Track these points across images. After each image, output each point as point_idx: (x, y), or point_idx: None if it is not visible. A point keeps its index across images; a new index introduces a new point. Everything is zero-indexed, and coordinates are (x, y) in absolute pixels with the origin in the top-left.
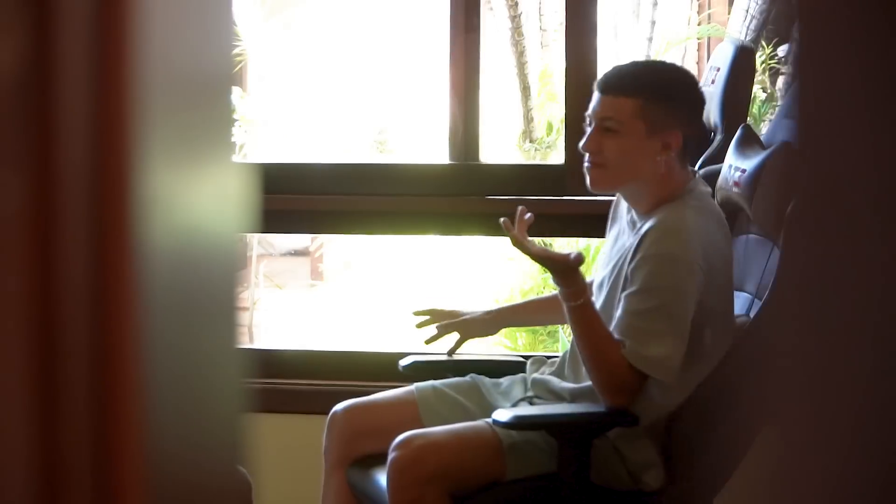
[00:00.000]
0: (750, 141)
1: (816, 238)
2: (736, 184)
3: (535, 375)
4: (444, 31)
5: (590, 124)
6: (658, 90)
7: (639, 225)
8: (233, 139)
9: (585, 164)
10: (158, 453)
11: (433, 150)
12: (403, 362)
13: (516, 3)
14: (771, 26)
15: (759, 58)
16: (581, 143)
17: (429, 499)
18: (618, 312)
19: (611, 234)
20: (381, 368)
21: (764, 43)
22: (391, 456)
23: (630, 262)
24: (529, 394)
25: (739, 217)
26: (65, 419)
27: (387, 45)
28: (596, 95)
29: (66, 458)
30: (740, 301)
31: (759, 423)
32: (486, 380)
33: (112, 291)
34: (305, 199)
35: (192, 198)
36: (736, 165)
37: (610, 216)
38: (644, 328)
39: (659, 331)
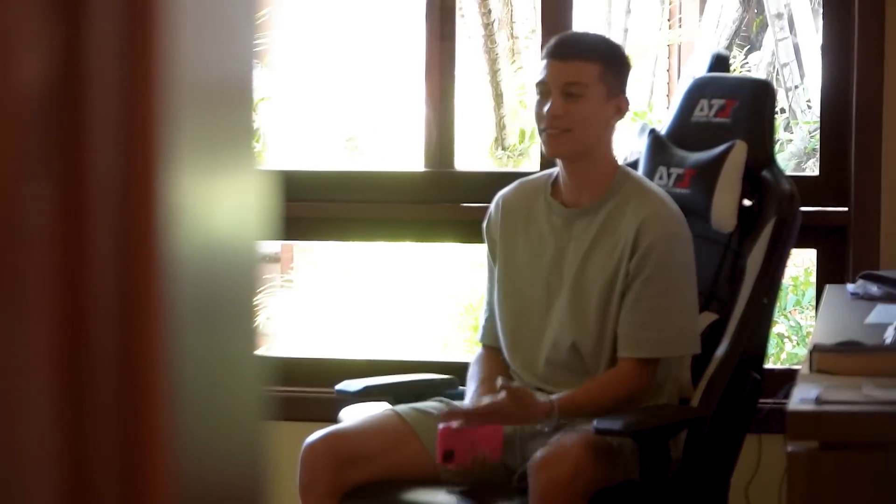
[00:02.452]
0: (665, 144)
1: None
2: (681, 184)
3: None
4: (418, 40)
5: (543, 92)
6: (614, 55)
7: (581, 222)
8: (255, 147)
9: (547, 131)
10: (184, 460)
11: (406, 157)
12: (352, 388)
13: (489, 11)
14: (742, 34)
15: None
16: (546, 109)
17: None
18: (628, 303)
19: (518, 239)
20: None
21: (735, 50)
22: (542, 477)
23: (631, 255)
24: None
25: None
26: (93, 428)
27: (360, 53)
28: (553, 63)
29: (94, 467)
30: None
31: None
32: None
33: (139, 301)
34: (279, 205)
35: (216, 206)
36: (669, 167)
37: (497, 226)
38: (665, 308)
39: (676, 308)
